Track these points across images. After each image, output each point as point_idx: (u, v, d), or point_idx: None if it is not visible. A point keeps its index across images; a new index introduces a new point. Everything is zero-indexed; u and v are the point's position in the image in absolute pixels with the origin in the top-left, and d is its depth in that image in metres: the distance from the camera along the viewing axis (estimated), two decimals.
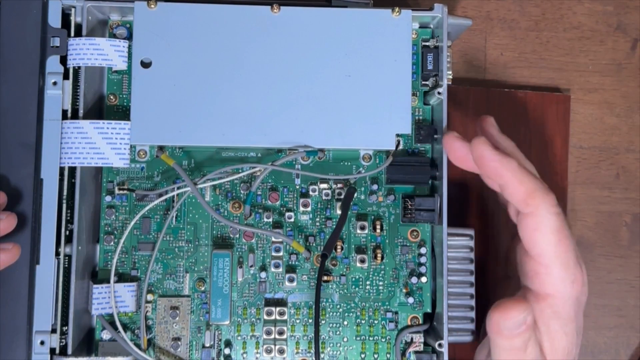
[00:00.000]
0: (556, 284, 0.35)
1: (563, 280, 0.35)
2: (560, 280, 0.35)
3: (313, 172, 0.41)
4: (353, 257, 0.41)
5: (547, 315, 0.35)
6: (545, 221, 0.35)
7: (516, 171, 0.35)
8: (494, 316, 0.34)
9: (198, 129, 0.39)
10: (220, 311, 0.40)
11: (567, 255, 0.35)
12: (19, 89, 0.38)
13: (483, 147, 0.35)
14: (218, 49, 0.40)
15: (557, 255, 0.35)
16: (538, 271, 0.35)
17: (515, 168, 0.35)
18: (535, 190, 0.35)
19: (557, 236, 0.35)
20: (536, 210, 0.35)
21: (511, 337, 0.34)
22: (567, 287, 0.35)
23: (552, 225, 0.35)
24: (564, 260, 0.35)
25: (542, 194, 0.35)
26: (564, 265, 0.35)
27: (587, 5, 0.51)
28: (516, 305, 0.34)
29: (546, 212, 0.35)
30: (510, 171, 0.35)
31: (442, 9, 0.41)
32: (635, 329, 0.50)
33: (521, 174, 0.35)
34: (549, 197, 0.35)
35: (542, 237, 0.35)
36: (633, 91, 0.51)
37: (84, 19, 0.39)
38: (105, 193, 0.41)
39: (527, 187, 0.35)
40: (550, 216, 0.35)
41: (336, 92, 0.40)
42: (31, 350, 0.37)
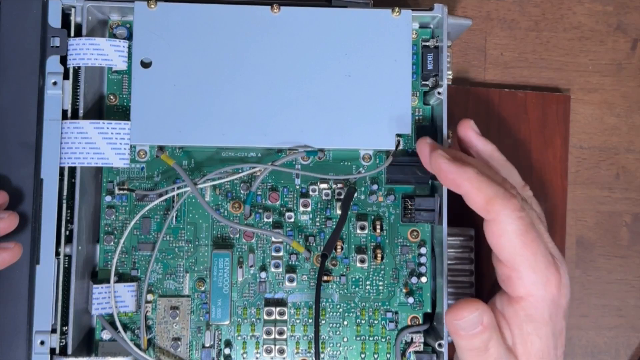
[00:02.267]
0: (527, 286, 0.35)
1: (534, 283, 0.35)
2: (530, 283, 0.35)
3: (313, 172, 0.41)
4: (353, 257, 0.41)
5: (520, 318, 0.35)
6: (507, 226, 0.34)
7: (473, 180, 0.35)
8: (447, 317, 0.35)
9: (198, 129, 0.39)
10: (220, 311, 0.40)
11: (535, 258, 0.35)
12: (19, 89, 0.38)
13: (440, 160, 0.36)
14: (218, 49, 0.40)
15: (524, 258, 0.35)
16: (509, 275, 0.35)
17: (472, 177, 0.35)
18: (495, 197, 0.34)
19: (522, 240, 0.34)
20: (497, 217, 0.34)
21: (468, 337, 0.34)
22: (539, 290, 0.35)
23: (515, 229, 0.34)
24: (532, 263, 0.35)
25: (501, 200, 0.34)
26: (533, 268, 0.35)
27: (587, 5, 0.51)
28: (468, 305, 0.34)
29: (507, 217, 0.34)
30: (468, 180, 0.35)
31: (442, 9, 0.41)
32: (635, 329, 0.50)
33: (479, 182, 0.35)
34: (510, 201, 0.34)
35: (506, 242, 0.35)
36: (633, 91, 0.51)
37: (84, 19, 0.39)
38: (105, 193, 0.41)
39: (486, 194, 0.35)
40: (512, 221, 0.34)
41: (336, 92, 0.40)
42: (31, 350, 0.37)
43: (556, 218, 0.49)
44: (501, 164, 0.39)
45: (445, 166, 0.36)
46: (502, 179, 0.37)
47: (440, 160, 0.36)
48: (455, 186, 0.36)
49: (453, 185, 0.36)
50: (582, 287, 0.50)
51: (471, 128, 0.40)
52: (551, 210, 0.49)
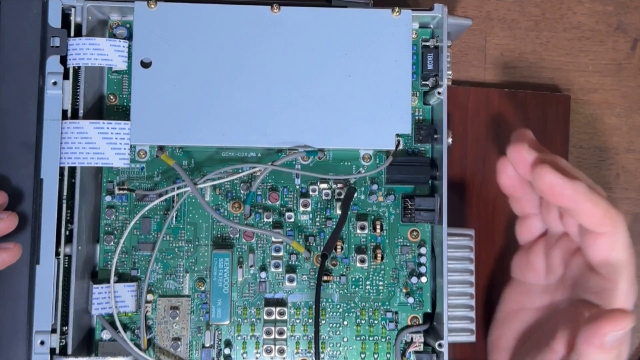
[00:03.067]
0: (622, 298, 0.35)
1: (628, 294, 0.35)
2: (626, 294, 0.35)
3: (313, 172, 0.41)
4: (353, 257, 0.41)
5: None
6: (622, 239, 0.35)
7: (588, 194, 0.34)
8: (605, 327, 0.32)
9: (198, 129, 0.39)
10: (220, 311, 0.40)
11: (631, 272, 0.35)
12: (19, 89, 0.38)
13: (551, 175, 0.34)
14: (218, 49, 0.40)
15: (628, 271, 0.35)
16: (605, 287, 0.35)
17: (586, 191, 0.34)
18: (611, 210, 0.34)
19: (629, 252, 0.35)
20: (613, 230, 0.34)
21: (611, 350, 0.33)
22: (630, 302, 0.35)
23: (626, 242, 0.35)
24: (630, 277, 0.35)
25: (616, 214, 0.35)
26: (630, 281, 0.35)
27: (587, 5, 0.51)
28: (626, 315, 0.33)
29: (622, 230, 0.35)
30: (583, 195, 0.34)
31: (442, 9, 0.41)
32: (636, 329, 0.50)
33: (594, 195, 0.34)
34: (621, 215, 0.35)
35: (617, 255, 0.35)
36: (633, 91, 0.51)
37: (84, 19, 0.39)
38: (105, 193, 0.41)
39: (603, 208, 0.34)
40: (625, 234, 0.35)
41: (336, 92, 0.40)
42: (31, 350, 0.37)
43: None
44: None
45: (558, 180, 0.34)
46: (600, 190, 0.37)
47: (550, 176, 0.34)
48: (568, 200, 0.34)
49: (567, 199, 0.34)
50: None
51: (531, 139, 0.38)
52: None
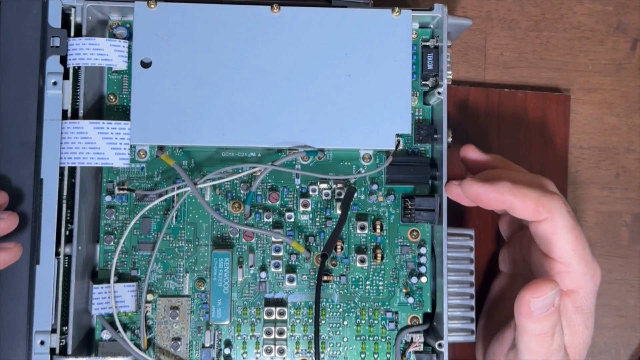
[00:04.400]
0: (579, 279, 0.36)
1: (584, 275, 0.36)
2: (582, 275, 0.36)
3: (313, 172, 0.41)
4: (353, 257, 0.41)
5: (569, 310, 0.36)
6: (561, 222, 0.35)
7: (514, 190, 0.35)
8: (525, 295, 0.34)
9: (198, 129, 0.39)
10: (220, 311, 0.40)
11: (585, 250, 0.36)
12: (19, 89, 0.38)
13: (473, 187, 0.36)
14: (218, 49, 0.40)
15: (577, 252, 0.36)
16: (559, 270, 0.36)
17: (511, 188, 0.36)
18: (540, 197, 0.35)
19: (574, 234, 0.35)
20: (550, 215, 0.35)
21: (541, 319, 0.34)
22: (588, 282, 0.36)
23: (567, 224, 0.35)
24: (583, 256, 0.36)
25: (548, 199, 0.35)
26: (584, 260, 0.36)
27: (587, 5, 0.51)
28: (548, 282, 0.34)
29: (558, 213, 0.35)
30: (508, 193, 0.35)
31: (442, 9, 0.41)
32: (635, 329, 0.50)
33: (519, 190, 0.35)
34: (556, 198, 0.36)
35: (560, 238, 0.35)
36: (633, 91, 0.51)
37: (84, 19, 0.39)
38: (105, 193, 0.41)
39: (532, 198, 0.35)
40: (563, 217, 0.35)
41: (336, 92, 0.40)
42: (31, 350, 0.37)
43: None
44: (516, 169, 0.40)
45: (480, 189, 0.36)
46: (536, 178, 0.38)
47: (473, 187, 0.36)
48: (499, 203, 0.36)
49: (497, 203, 0.36)
50: None
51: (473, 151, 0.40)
52: None
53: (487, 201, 0.36)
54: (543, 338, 0.34)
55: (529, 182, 0.37)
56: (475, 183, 0.36)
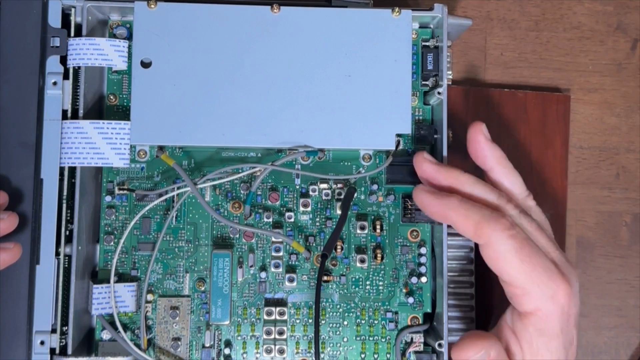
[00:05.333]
0: (535, 302, 0.34)
1: (541, 298, 0.34)
2: (538, 298, 0.34)
3: (313, 172, 0.41)
4: (353, 257, 0.41)
5: (530, 333, 0.35)
6: (501, 247, 0.34)
7: (458, 208, 0.35)
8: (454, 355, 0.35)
9: (198, 129, 0.39)
10: (220, 311, 0.40)
11: (536, 272, 0.34)
12: (19, 89, 0.38)
13: (422, 195, 0.36)
14: (218, 49, 0.40)
15: (526, 275, 0.34)
16: (515, 293, 0.35)
17: (456, 205, 0.35)
18: (482, 221, 0.34)
19: (519, 257, 0.34)
20: (489, 240, 0.34)
21: None
22: (547, 304, 0.34)
23: (510, 248, 0.34)
24: (535, 278, 0.34)
25: (489, 223, 0.34)
26: (537, 283, 0.34)
27: (587, 5, 0.51)
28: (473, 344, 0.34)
29: (499, 238, 0.34)
30: (452, 210, 0.35)
31: (442, 9, 0.41)
32: (635, 329, 0.50)
33: (464, 209, 0.35)
34: (499, 222, 0.34)
35: (504, 262, 0.34)
36: (633, 91, 0.51)
37: (84, 19, 0.39)
38: (105, 193, 0.41)
39: (473, 220, 0.34)
40: (504, 241, 0.34)
41: (336, 92, 0.40)
42: (31, 350, 0.37)
43: (556, 218, 0.49)
44: (505, 172, 0.38)
45: (427, 200, 0.36)
46: (497, 195, 0.36)
47: (422, 195, 0.36)
48: (441, 217, 0.36)
49: (439, 217, 0.36)
50: (582, 287, 0.50)
51: (482, 132, 0.38)
52: (551, 210, 0.49)
53: (431, 214, 0.37)
54: None
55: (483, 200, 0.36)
56: (424, 192, 0.36)
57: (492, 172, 0.38)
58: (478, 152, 0.38)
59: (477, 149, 0.38)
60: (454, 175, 0.37)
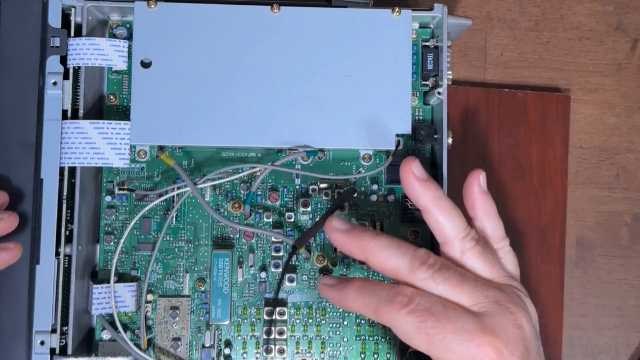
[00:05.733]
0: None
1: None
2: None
3: (313, 172, 0.41)
4: None
5: None
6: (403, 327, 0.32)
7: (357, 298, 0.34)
8: None
9: (198, 129, 0.39)
10: (220, 311, 0.40)
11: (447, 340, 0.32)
12: (19, 89, 0.38)
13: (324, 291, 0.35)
14: (218, 49, 0.40)
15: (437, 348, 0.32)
16: None
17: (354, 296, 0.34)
18: (379, 306, 0.33)
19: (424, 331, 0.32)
20: (390, 323, 0.33)
21: None
22: None
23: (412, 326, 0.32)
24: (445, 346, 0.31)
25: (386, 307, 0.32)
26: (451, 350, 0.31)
27: (587, 5, 0.51)
28: None
29: (397, 319, 0.32)
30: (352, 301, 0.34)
31: (442, 9, 0.41)
32: (635, 329, 0.50)
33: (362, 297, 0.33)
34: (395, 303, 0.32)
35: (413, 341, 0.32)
36: (633, 91, 0.51)
37: (84, 19, 0.39)
38: (105, 193, 0.41)
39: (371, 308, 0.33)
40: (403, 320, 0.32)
41: (336, 92, 0.40)
42: (31, 350, 0.37)
43: (556, 218, 0.49)
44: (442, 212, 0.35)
45: (329, 295, 0.35)
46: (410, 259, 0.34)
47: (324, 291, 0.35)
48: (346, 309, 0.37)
49: (344, 308, 0.36)
50: (582, 287, 0.50)
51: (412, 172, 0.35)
52: (551, 210, 0.49)
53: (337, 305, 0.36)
54: None
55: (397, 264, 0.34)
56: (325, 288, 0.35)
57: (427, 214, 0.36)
58: (410, 192, 0.36)
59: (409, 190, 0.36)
60: (364, 243, 0.34)
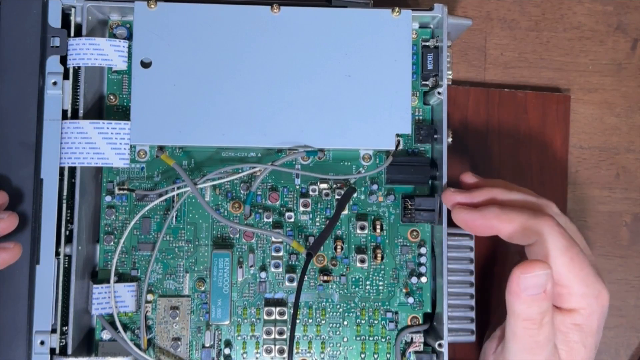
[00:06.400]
0: (579, 300, 0.35)
1: (586, 296, 0.35)
2: (583, 297, 0.35)
3: (313, 172, 0.41)
4: (353, 257, 0.41)
5: (567, 326, 0.35)
6: (551, 244, 0.34)
7: (501, 215, 0.35)
8: (515, 272, 0.33)
9: (198, 129, 0.39)
10: (220, 311, 0.40)
11: (584, 271, 0.35)
12: (19, 89, 0.38)
13: (461, 214, 0.36)
14: (218, 49, 0.40)
15: (574, 274, 0.35)
16: (560, 292, 0.35)
17: (498, 213, 0.35)
18: (528, 220, 0.35)
19: (569, 255, 0.34)
20: (540, 237, 0.34)
21: (529, 301, 0.33)
22: (591, 303, 0.35)
23: (560, 246, 0.34)
24: (583, 277, 0.35)
25: (536, 221, 0.35)
26: (584, 282, 0.35)
27: (587, 5, 0.51)
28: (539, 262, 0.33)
29: (549, 235, 0.34)
30: (496, 218, 0.35)
31: (442, 9, 0.41)
32: (635, 329, 0.50)
33: (507, 215, 0.35)
34: (546, 220, 0.35)
35: (554, 260, 0.34)
36: (633, 91, 0.51)
37: (84, 19, 0.39)
38: (105, 193, 0.41)
39: (519, 222, 0.35)
40: (554, 238, 0.34)
41: (336, 92, 0.40)
42: (31, 350, 0.37)
43: None
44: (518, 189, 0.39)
45: (467, 217, 0.36)
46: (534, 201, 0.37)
47: (461, 215, 0.36)
48: (487, 229, 0.36)
49: (485, 229, 0.36)
50: None
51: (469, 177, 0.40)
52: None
53: (475, 228, 0.37)
54: (530, 324, 0.34)
55: (522, 204, 0.36)
56: (463, 210, 0.36)
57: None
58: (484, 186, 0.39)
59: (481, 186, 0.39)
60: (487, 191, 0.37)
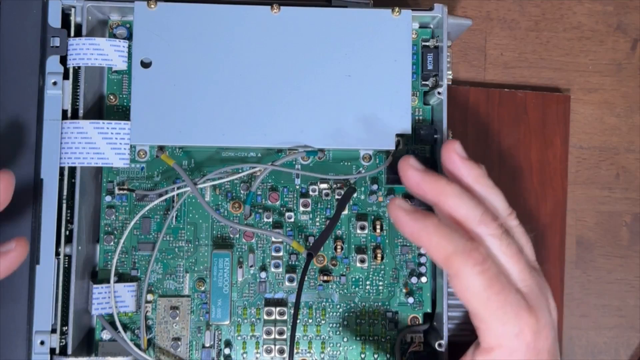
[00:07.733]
0: (497, 338, 0.33)
1: (505, 335, 0.33)
2: (501, 335, 0.33)
3: (313, 172, 0.41)
4: (353, 257, 0.41)
5: None
6: (469, 283, 0.32)
7: (433, 235, 0.32)
8: None
9: (198, 129, 0.39)
10: (220, 311, 0.40)
11: (502, 310, 0.33)
12: (19, 89, 0.38)
13: (397, 212, 0.33)
14: (218, 49, 0.40)
15: (491, 312, 0.33)
16: (478, 327, 0.34)
17: (432, 231, 0.32)
18: (453, 254, 0.32)
19: (487, 294, 0.32)
20: (458, 273, 0.32)
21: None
22: (510, 341, 0.33)
23: (478, 284, 0.32)
24: (500, 315, 0.33)
25: (460, 257, 0.32)
26: (501, 320, 0.33)
27: (587, 5, 0.51)
28: None
29: (468, 274, 0.32)
30: (427, 236, 0.33)
31: (442, 9, 0.41)
32: (635, 329, 0.50)
33: (439, 237, 0.32)
34: (471, 256, 0.32)
35: (472, 297, 0.33)
36: (633, 91, 0.51)
37: (84, 19, 0.39)
38: (105, 193, 0.41)
39: (445, 251, 0.32)
40: (473, 277, 0.32)
41: (336, 92, 0.40)
42: (31, 350, 0.37)
43: (556, 218, 0.49)
44: (486, 191, 0.36)
45: (403, 218, 0.33)
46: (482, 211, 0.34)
47: (397, 212, 0.33)
48: (414, 239, 0.34)
49: (412, 238, 0.34)
50: (582, 287, 0.50)
51: (455, 151, 0.35)
52: (551, 210, 0.49)
53: (404, 233, 0.34)
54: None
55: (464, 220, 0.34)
56: (400, 210, 0.33)
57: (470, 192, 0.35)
58: (454, 172, 0.35)
59: (453, 169, 0.35)
60: (440, 186, 0.34)
